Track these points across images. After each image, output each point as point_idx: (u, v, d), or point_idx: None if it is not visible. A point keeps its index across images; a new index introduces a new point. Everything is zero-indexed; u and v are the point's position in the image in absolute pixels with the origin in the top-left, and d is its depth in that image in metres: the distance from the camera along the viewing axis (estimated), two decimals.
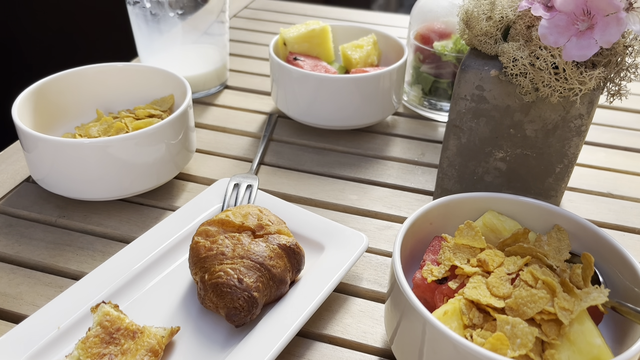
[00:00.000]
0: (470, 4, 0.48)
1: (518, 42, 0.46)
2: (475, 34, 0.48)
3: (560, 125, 0.48)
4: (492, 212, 0.45)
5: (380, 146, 0.67)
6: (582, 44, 0.42)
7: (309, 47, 0.70)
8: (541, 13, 0.43)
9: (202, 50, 0.75)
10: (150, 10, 0.67)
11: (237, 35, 0.94)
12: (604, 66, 0.45)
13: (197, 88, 0.76)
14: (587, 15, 0.42)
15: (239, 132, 0.69)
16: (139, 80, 0.64)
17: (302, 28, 0.70)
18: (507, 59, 0.46)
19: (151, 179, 0.56)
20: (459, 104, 0.50)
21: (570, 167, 0.50)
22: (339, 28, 0.74)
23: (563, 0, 0.42)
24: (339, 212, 0.57)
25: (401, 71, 0.67)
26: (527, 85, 0.46)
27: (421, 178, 0.62)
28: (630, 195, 0.60)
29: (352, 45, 0.71)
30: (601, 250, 0.42)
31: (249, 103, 0.75)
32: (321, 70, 0.67)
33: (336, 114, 0.66)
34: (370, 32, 0.73)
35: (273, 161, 0.64)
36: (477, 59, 0.49)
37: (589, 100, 0.46)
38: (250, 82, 0.80)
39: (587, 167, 0.64)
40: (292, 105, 0.67)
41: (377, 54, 0.72)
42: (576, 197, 0.59)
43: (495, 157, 0.52)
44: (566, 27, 0.42)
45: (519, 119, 0.49)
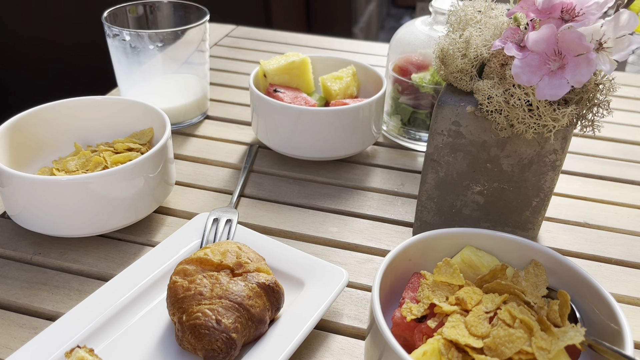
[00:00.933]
0: (446, 42, 0.49)
1: (492, 80, 0.47)
2: (450, 71, 0.49)
3: (536, 160, 0.49)
4: (470, 248, 0.46)
5: (361, 177, 0.67)
6: (554, 84, 0.42)
7: (289, 79, 0.71)
8: (514, 53, 0.43)
9: (183, 80, 0.75)
10: (130, 43, 0.67)
11: (218, 64, 0.95)
12: (576, 103, 0.46)
13: (178, 119, 0.76)
14: (559, 55, 0.43)
15: (220, 164, 0.69)
16: (117, 114, 0.63)
17: (282, 60, 0.71)
18: (482, 96, 0.47)
19: (130, 214, 0.55)
20: (436, 139, 0.51)
21: (546, 200, 0.51)
22: (319, 59, 0.75)
23: (535, 41, 0.43)
24: (319, 245, 0.56)
25: (380, 103, 0.68)
26: (502, 121, 0.46)
27: (401, 209, 0.62)
28: (605, 224, 0.60)
29: (331, 77, 0.71)
30: (577, 286, 0.42)
31: (230, 133, 0.75)
32: (301, 102, 0.67)
33: (316, 145, 0.66)
34: (350, 63, 0.74)
35: (253, 193, 0.64)
36: (453, 95, 0.50)
37: (562, 136, 0.47)
38: (231, 111, 0.81)
39: (564, 196, 0.65)
40: (272, 136, 0.67)
41: (356, 84, 0.73)
42: (553, 227, 0.60)
43: (473, 191, 0.52)
44: (538, 66, 0.43)
45: (495, 153, 0.50)
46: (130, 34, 0.67)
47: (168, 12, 0.76)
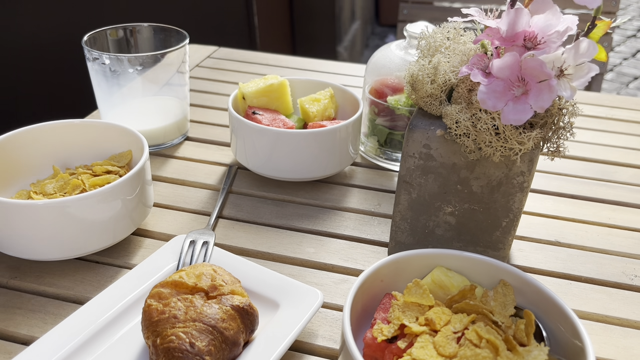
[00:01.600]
0: (415, 68, 0.51)
1: (460, 105, 0.48)
2: (421, 96, 0.51)
3: (504, 181, 0.50)
4: (441, 269, 0.47)
5: (338, 197, 0.68)
6: (518, 109, 0.44)
7: (267, 101, 0.72)
8: (480, 79, 0.45)
9: (163, 102, 0.76)
10: (110, 66, 0.68)
11: (199, 85, 0.96)
12: (541, 127, 0.47)
13: (158, 140, 0.76)
14: (522, 81, 0.44)
15: (199, 185, 0.70)
16: (96, 136, 0.64)
17: (261, 83, 0.72)
18: (451, 120, 0.48)
19: (107, 237, 0.55)
20: (408, 162, 0.52)
21: (515, 221, 0.52)
22: (297, 82, 0.76)
23: (499, 68, 0.44)
24: (296, 266, 0.57)
25: (357, 124, 0.69)
26: (470, 145, 0.48)
27: (377, 229, 0.63)
28: (576, 243, 0.62)
29: (309, 99, 0.73)
30: (544, 305, 0.43)
31: (210, 155, 0.76)
32: (279, 124, 0.69)
33: (295, 167, 0.67)
34: (328, 85, 0.75)
35: (232, 214, 0.64)
36: (424, 119, 0.51)
37: (529, 159, 0.49)
38: (212, 133, 0.82)
39: (536, 215, 0.66)
40: (251, 158, 0.68)
41: (334, 106, 0.74)
42: (525, 246, 0.61)
43: (444, 212, 0.53)
44: (503, 92, 0.45)
45: (465, 175, 0.51)
46: (109, 57, 0.68)
47: (148, 35, 0.77)
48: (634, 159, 0.78)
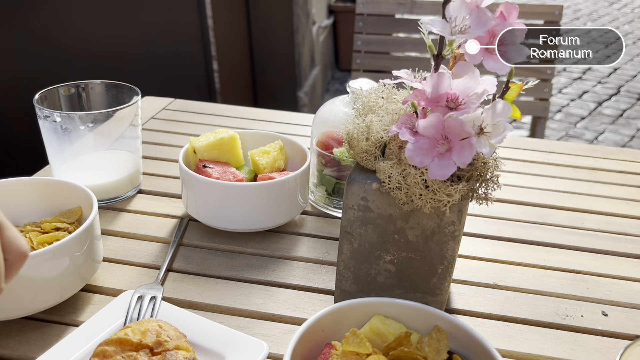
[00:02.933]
0: (351, 126, 0.54)
1: (392, 161, 0.52)
2: (357, 152, 0.54)
3: (437, 231, 0.53)
4: (379, 316, 0.49)
5: (288, 246, 0.70)
6: (443, 164, 0.48)
7: (218, 154, 0.74)
8: (407, 137, 0.49)
9: (115, 156, 0.77)
10: (61, 124, 0.70)
11: (154, 138, 0.98)
12: (467, 180, 0.51)
13: (110, 194, 0.77)
14: (446, 139, 0.48)
15: (150, 238, 0.71)
16: (45, 194, 0.65)
17: (212, 137, 0.74)
18: (384, 175, 0.51)
19: (54, 295, 0.56)
20: (348, 213, 0.55)
21: (450, 267, 0.55)
22: (248, 134, 0.79)
23: (424, 127, 0.48)
24: (244, 318, 0.58)
25: (305, 175, 0.72)
26: (403, 197, 0.51)
27: (325, 277, 0.65)
28: (513, 285, 0.65)
29: (259, 151, 0.75)
30: (474, 348, 0.46)
31: (162, 207, 0.77)
32: (229, 177, 0.71)
33: (245, 218, 0.69)
34: (277, 138, 0.78)
35: (182, 267, 0.65)
36: (361, 173, 0.54)
37: (458, 209, 0.52)
38: (165, 185, 0.83)
39: (476, 259, 0.70)
40: (202, 210, 0.70)
41: (283, 158, 0.77)
42: (465, 290, 0.64)
43: (384, 260, 0.56)
44: (429, 149, 0.48)
45: (401, 225, 0.54)
46: (61, 115, 0.69)
47: (101, 91, 0.79)
48: (567, 202, 0.83)
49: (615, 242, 0.74)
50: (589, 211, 0.81)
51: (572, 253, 0.72)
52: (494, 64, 0.46)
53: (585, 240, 0.74)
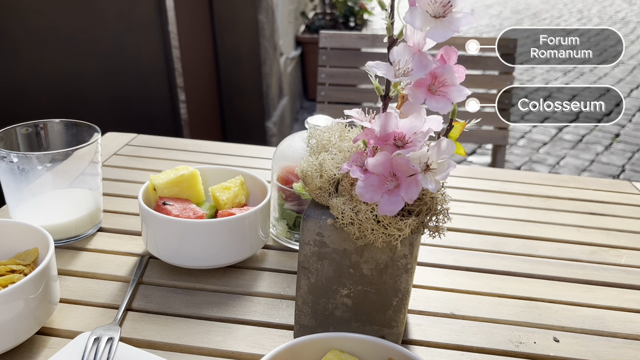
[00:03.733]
0: (305, 164, 0.56)
1: (345, 197, 0.53)
2: (311, 189, 0.55)
3: (390, 264, 0.55)
4: (334, 351, 0.50)
5: (249, 282, 0.71)
6: (391, 201, 0.49)
7: (178, 191, 0.75)
8: (358, 175, 0.50)
9: (74, 195, 0.77)
10: (18, 165, 0.69)
11: (116, 174, 0.97)
12: (417, 214, 0.53)
13: (69, 233, 0.77)
14: (394, 176, 0.50)
15: (109, 277, 0.70)
16: (0, 235, 0.64)
17: (172, 174, 0.75)
18: (337, 211, 0.53)
19: (8, 339, 0.55)
20: (305, 249, 0.56)
21: (404, 300, 0.56)
22: (209, 170, 0.80)
23: (374, 165, 0.50)
24: (203, 357, 0.58)
25: (265, 210, 0.73)
26: (356, 232, 0.52)
27: (285, 312, 0.66)
28: (469, 314, 0.67)
29: (220, 187, 0.76)
30: None
31: (122, 245, 0.77)
32: (190, 213, 0.71)
33: (205, 255, 0.69)
34: (238, 173, 0.80)
35: (141, 306, 0.65)
36: (317, 209, 0.56)
37: (409, 243, 0.54)
38: (126, 222, 0.83)
39: (434, 289, 0.71)
40: (162, 248, 0.70)
41: (244, 193, 0.78)
42: (423, 320, 0.65)
43: (341, 294, 0.57)
44: (379, 186, 0.50)
45: (356, 260, 0.55)
46: (18, 156, 0.69)
47: (60, 130, 0.79)
48: (521, 230, 0.86)
49: (567, 268, 0.77)
50: (542, 239, 0.84)
51: (526, 280, 0.74)
52: (436, 104, 0.48)
53: (538, 267, 0.77)
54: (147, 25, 1.61)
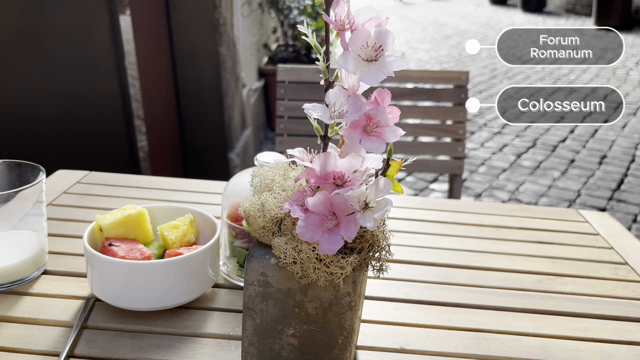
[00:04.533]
0: (247, 204, 0.56)
1: (287, 236, 0.53)
2: (254, 229, 0.55)
3: (334, 302, 0.55)
4: None
5: (198, 322, 0.70)
6: (331, 239, 0.50)
7: (126, 231, 0.74)
8: (298, 215, 0.51)
9: (17, 237, 0.75)
10: None
11: (65, 214, 0.95)
12: (359, 252, 0.53)
13: (11, 277, 0.74)
14: (334, 215, 0.50)
15: (52, 323, 0.68)
16: None
17: (118, 214, 0.74)
18: (279, 251, 0.53)
19: None
20: (249, 289, 0.56)
21: (350, 338, 0.56)
22: (157, 209, 0.79)
23: (314, 204, 0.50)
24: None
25: (214, 248, 0.72)
26: (298, 271, 0.53)
27: (234, 353, 0.65)
28: (419, 348, 0.67)
29: (169, 226, 0.75)
30: None
31: (68, 288, 0.75)
32: (136, 254, 0.70)
33: (152, 296, 0.68)
34: (188, 211, 0.79)
35: (84, 352, 0.63)
36: (260, 248, 0.56)
37: (352, 280, 0.54)
38: (72, 264, 0.81)
39: (384, 324, 0.71)
40: (107, 291, 0.68)
41: (194, 231, 0.77)
42: (372, 356, 0.65)
43: (287, 334, 0.57)
44: (319, 225, 0.50)
45: (300, 299, 0.55)
46: None
47: (2, 171, 0.77)
48: (472, 261, 0.87)
49: (515, 298, 0.78)
50: (492, 269, 0.86)
51: (475, 312, 0.75)
52: (371, 145, 0.49)
53: (487, 298, 0.78)
54: (103, 59, 1.60)
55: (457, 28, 9.00)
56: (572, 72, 5.52)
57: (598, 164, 3.50)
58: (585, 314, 0.76)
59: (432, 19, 10.29)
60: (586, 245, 0.94)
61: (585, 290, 0.81)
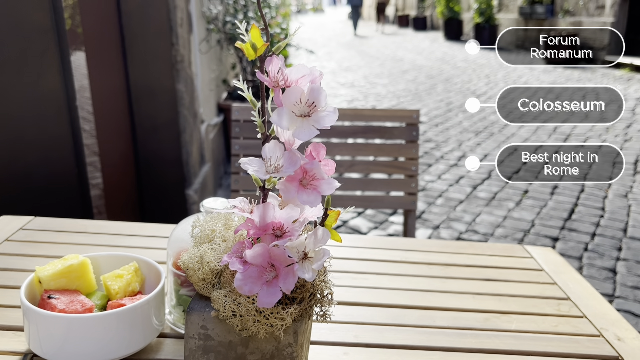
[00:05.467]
0: (186, 256, 0.55)
1: (226, 289, 0.53)
2: (194, 281, 0.55)
3: (276, 354, 0.55)
4: None
5: None
6: (270, 292, 0.50)
7: (66, 282, 0.72)
8: (237, 267, 0.51)
9: None
10: None
11: (5, 263, 0.92)
12: (299, 302, 0.53)
13: None
14: (272, 267, 0.51)
15: None
16: None
17: (59, 264, 0.72)
18: (218, 303, 0.52)
19: None
20: (190, 343, 0.55)
21: None
22: (101, 258, 0.78)
23: (252, 256, 0.51)
24: None
25: (159, 297, 0.71)
26: (238, 324, 0.52)
27: None
28: None
29: (113, 275, 0.74)
30: None
31: (4, 343, 0.72)
32: (77, 306, 0.68)
33: (93, 350, 0.66)
34: (132, 259, 0.78)
35: None
36: (201, 301, 0.55)
37: (293, 331, 0.54)
38: (10, 316, 0.78)
39: None
40: (46, 346, 0.66)
41: (139, 280, 0.76)
42: None
43: None
44: (257, 278, 0.50)
45: (242, 351, 0.55)
46: None
47: None
48: (420, 300, 0.89)
49: (461, 337, 0.79)
50: (439, 308, 0.87)
51: (423, 353, 0.76)
52: (307, 198, 0.50)
53: (435, 338, 0.79)
54: (52, 99, 1.58)
55: (414, 63, 9.28)
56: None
57: (550, 194, 3.62)
58: (530, 351, 0.77)
59: (389, 54, 10.59)
60: (531, 282, 0.97)
61: (530, 327, 0.83)
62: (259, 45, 0.49)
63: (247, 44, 0.49)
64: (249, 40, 0.49)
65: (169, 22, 2.55)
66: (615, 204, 3.41)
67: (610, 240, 2.92)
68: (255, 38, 0.49)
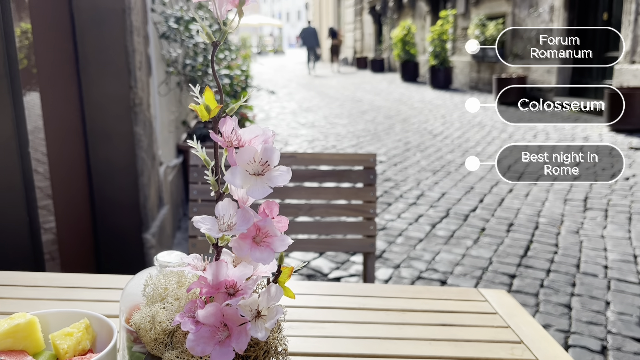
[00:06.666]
0: (137, 317, 0.55)
1: (179, 349, 0.52)
2: (146, 342, 0.54)
3: None
4: None
5: None
6: (223, 352, 0.49)
7: (13, 342, 0.69)
8: (189, 328, 0.50)
9: None
10: None
11: None
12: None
13: None
14: (225, 326, 0.50)
15: None
16: None
17: (5, 324, 0.69)
18: None
19: None
20: None
21: None
22: (50, 315, 0.75)
23: (204, 316, 0.50)
24: None
25: (111, 355, 0.69)
26: None
27: None
28: None
29: (62, 334, 0.71)
30: None
31: None
32: None
33: None
34: (83, 316, 0.75)
35: None
36: None
37: None
38: None
39: None
40: None
41: (90, 337, 0.74)
42: None
43: None
44: (210, 338, 0.50)
45: None
46: None
47: None
48: (377, 349, 0.89)
49: None
50: (397, 356, 0.87)
51: None
52: (260, 255, 0.50)
53: None
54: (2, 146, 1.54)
55: (373, 104, 9.50)
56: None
57: (506, 232, 3.71)
58: None
59: (349, 95, 10.82)
60: (485, 325, 0.98)
61: None
62: (212, 107, 0.50)
63: (200, 105, 0.50)
64: (202, 102, 0.50)
65: (128, 65, 2.55)
66: (568, 240, 3.52)
67: (564, 276, 3.01)
68: (208, 100, 0.50)
